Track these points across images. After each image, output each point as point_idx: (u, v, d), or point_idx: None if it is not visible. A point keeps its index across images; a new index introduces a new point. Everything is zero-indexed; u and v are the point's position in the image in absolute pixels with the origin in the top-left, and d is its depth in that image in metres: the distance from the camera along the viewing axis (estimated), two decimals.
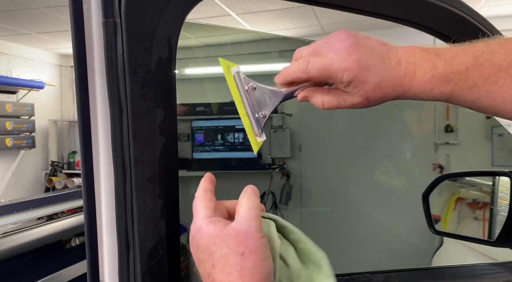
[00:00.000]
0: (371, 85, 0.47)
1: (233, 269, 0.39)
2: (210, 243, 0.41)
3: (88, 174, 0.49)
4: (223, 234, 0.41)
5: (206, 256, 0.41)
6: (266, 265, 0.41)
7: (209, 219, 0.43)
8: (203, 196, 0.47)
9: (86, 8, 0.46)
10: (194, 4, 0.48)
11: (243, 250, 0.40)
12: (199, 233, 0.42)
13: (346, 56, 0.46)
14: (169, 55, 0.48)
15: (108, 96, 0.47)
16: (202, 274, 0.42)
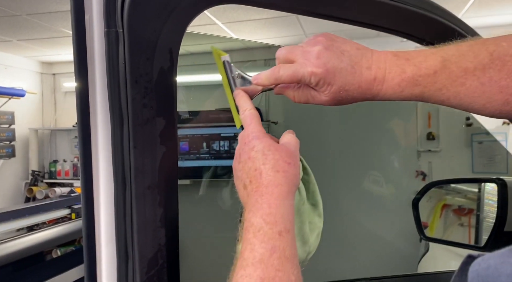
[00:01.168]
0: (336, 88, 0.51)
1: (282, 169, 0.48)
2: (266, 148, 0.49)
3: (87, 182, 0.49)
4: (277, 145, 0.50)
5: (259, 156, 0.48)
6: (298, 177, 0.51)
7: (264, 132, 0.52)
8: (254, 113, 0.54)
9: (88, 18, 0.47)
10: (195, 15, 0.48)
11: (289, 161, 0.49)
12: (257, 139, 0.50)
13: (314, 60, 0.50)
14: (170, 65, 0.48)
15: (109, 105, 0.47)
16: (248, 168, 0.49)
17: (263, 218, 0.45)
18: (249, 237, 0.44)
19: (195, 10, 0.48)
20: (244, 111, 0.54)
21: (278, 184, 0.47)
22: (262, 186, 0.47)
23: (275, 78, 0.53)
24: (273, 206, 0.45)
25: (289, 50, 0.54)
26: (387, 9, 0.64)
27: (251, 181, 0.48)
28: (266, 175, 0.47)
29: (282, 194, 0.46)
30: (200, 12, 0.49)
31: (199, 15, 0.49)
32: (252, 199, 0.47)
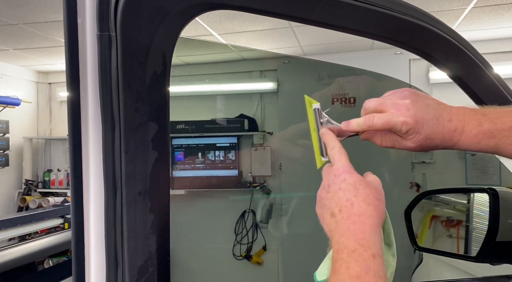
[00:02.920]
0: (423, 136, 0.59)
1: (372, 203, 0.52)
2: (357, 183, 0.54)
3: (77, 188, 0.48)
4: (366, 181, 0.55)
5: (350, 188, 0.53)
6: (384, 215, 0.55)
7: (351, 169, 0.56)
8: (343, 150, 0.59)
9: (80, 21, 0.46)
10: (189, 20, 0.48)
11: (378, 197, 0.54)
12: (348, 173, 0.55)
13: (405, 111, 0.58)
14: (163, 70, 0.48)
15: (100, 109, 0.47)
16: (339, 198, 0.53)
17: (358, 242, 0.49)
18: (344, 257, 0.49)
19: (189, 15, 0.48)
20: (333, 148, 0.59)
21: (370, 215, 0.51)
22: (354, 215, 0.51)
23: (368, 125, 0.60)
24: (366, 233, 0.50)
25: (379, 102, 0.61)
26: (381, 18, 0.64)
27: (341, 210, 0.53)
28: (358, 206, 0.52)
29: (373, 225, 0.51)
30: (193, 18, 0.49)
31: (192, 21, 0.49)
32: (343, 225, 0.51)
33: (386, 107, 0.60)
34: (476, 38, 3.82)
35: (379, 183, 0.57)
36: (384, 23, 0.64)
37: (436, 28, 0.70)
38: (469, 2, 2.94)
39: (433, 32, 0.68)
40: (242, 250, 4.02)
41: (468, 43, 0.76)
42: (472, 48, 0.76)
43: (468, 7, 3.04)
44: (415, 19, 0.68)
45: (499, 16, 3.26)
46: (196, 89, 4.29)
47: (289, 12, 0.53)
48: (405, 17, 0.66)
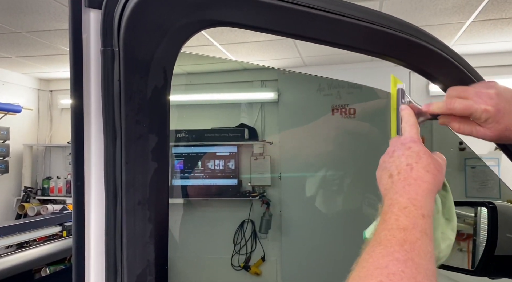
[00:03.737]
0: (503, 126, 0.60)
1: (432, 171, 0.55)
2: (421, 152, 0.56)
3: (79, 196, 0.49)
4: (431, 153, 0.57)
5: (413, 155, 0.55)
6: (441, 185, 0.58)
7: (419, 140, 0.59)
8: (417, 125, 0.61)
9: (85, 37, 0.48)
10: (190, 36, 0.50)
11: (439, 169, 0.56)
12: (415, 143, 0.57)
13: (488, 100, 0.60)
14: (164, 83, 0.49)
15: (102, 120, 0.48)
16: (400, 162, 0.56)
17: (410, 200, 0.51)
18: (395, 211, 0.50)
19: (189, 32, 0.50)
20: (408, 121, 0.61)
21: (426, 181, 0.54)
22: (411, 178, 0.54)
23: (448, 109, 0.62)
24: (420, 194, 0.52)
25: (462, 89, 0.63)
26: (377, 35, 0.66)
27: (400, 172, 0.55)
28: (416, 171, 0.54)
29: (428, 189, 0.53)
30: (194, 34, 0.50)
31: (193, 36, 0.50)
32: (398, 185, 0.54)
33: (469, 95, 0.62)
34: (476, 51, 3.86)
35: (444, 161, 0.59)
36: (379, 40, 0.66)
37: (430, 44, 0.72)
38: (469, 16, 2.98)
39: (426, 48, 0.69)
40: (240, 260, 4.00)
41: (462, 58, 0.78)
42: (465, 63, 0.78)
43: (468, 21, 3.07)
44: (409, 35, 0.70)
45: (498, 30, 3.29)
46: (197, 98, 4.31)
47: (287, 29, 0.55)
48: (399, 33, 0.68)
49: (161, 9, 0.47)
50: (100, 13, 0.48)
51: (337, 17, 0.60)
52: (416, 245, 0.46)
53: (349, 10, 0.62)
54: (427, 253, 0.47)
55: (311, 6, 0.56)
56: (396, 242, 0.47)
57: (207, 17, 0.50)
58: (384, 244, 0.47)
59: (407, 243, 0.46)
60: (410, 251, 0.46)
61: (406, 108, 0.64)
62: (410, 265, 0.44)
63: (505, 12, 2.91)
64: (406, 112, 0.63)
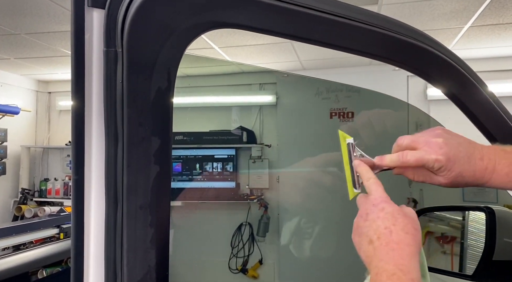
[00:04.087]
0: (455, 174, 0.61)
1: (410, 232, 0.54)
2: (395, 212, 0.56)
3: (78, 200, 0.48)
4: (404, 212, 0.57)
5: (389, 217, 0.55)
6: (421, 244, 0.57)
7: (388, 199, 0.58)
8: (378, 181, 0.61)
9: (87, 37, 0.47)
10: (194, 38, 0.49)
11: (416, 227, 0.56)
12: (386, 203, 0.57)
13: (438, 149, 0.60)
14: (167, 86, 0.49)
15: (104, 122, 0.47)
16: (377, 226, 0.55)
17: (397, 266, 0.51)
18: (383, 279, 0.50)
19: (194, 33, 0.49)
20: (369, 179, 0.62)
21: (408, 243, 0.53)
22: (393, 242, 0.53)
23: (401, 162, 0.63)
24: (405, 259, 0.52)
25: (412, 139, 0.64)
26: (379, 38, 0.65)
27: (379, 237, 0.54)
28: (396, 234, 0.54)
29: (412, 253, 0.53)
30: (198, 36, 0.50)
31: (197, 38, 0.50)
32: (381, 251, 0.53)
33: (419, 145, 0.62)
34: (473, 56, 3.87)
35: (415, 215, 0.59)
36: (382, 43, 0.66)
37: (432, 47, 0.71)
38: (467, 21, 2.99)
39: (429, 51, 0.69)
40: (238, 263, 3.99)
41: (463, 61, 0.78)
42: (467, 67, 0.78)
43: (466, 26, 3.08)
44: (411, 39, 0.69)
45: (496, 35, 3.31)
46: (195, 100, 4.31)
47: (291, 32, 0.55)
48: (402, 37, 0.68)
49: (166, 9, 0.47)
50: (104, 12, 0.47)
51: (341, 19, 0.60)
52: None
53: (353, 12, 0.62)
54: None
55: (315, 9, 0.55)
56: None
57: (212, 19, 0.49)
58: None
59: None
60: None
61: (360, 164, 0.64)
62: None
63: (502, 18, 2.92)
64: (363, 169, 0.63)
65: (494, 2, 2.63)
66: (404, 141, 0.65)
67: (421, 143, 0.62)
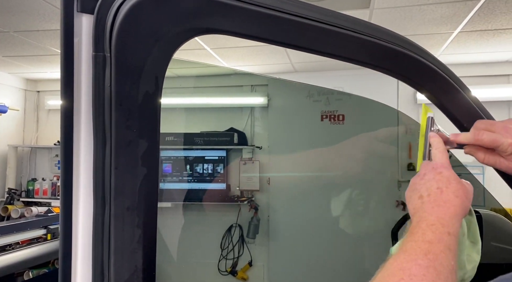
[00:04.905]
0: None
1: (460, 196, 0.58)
2: (451, 178, 0.60)
3: (67, 201, 0.49)
4: (460, 180, 0.61)
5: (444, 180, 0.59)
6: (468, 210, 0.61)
7: (449, 166, 0.63)
8: (444, 150, 0.65)
9: (77, 41, 0.48)
10: (182, 43, 0.50)
11: (467, 195, 0.60)
12: (446, 169, 0.61)
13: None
14: (155, 89, 0.49)
15: (92, 125, 0.48)
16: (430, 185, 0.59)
17: (438, 219, 0.55)
18: (422, 226, 0.54)
19: (182, 39, 0.50)
20: (438, 148, 0.65)
21: (455, 204, 0.57)
22: (441, 200, 0.57)
23: (476, 139, 0.66)
24: (448, 215, 0.56)
25: (490, 123, 0.68)
26: (366, 45, 0.67)
27: (430, 194, 0.58)
28: (446, 194, 0.58)
29: (456, 212, 0.57)
30: (186, 41, 0.51)
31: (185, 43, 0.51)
32: (427, 206, 0.57)
33: (496, 128, 0.66)
34: (462, 61, 3.93)
35: (472, 188, 0.63)
36: (368, 50, 0.67)
37: (418, 54, 0.73)
38: (456, 27, 3.04)
39: (413, 58, 0.71)
40: (227, 265, 3.99)
41: (446, 67, 0.80)
42: (450, 72, 0.80)
43: (455, 31, 3.13)
44: (396, 46, 0.71)
45: (484, 41, 3.36)
46: (186, 101, 4.30)
47: (279, 39, 0.56)
48: (388, 44, 0.69)
49: (154, 15, 0.47)
50: (92, 18, 0.47)
51: (329, 27, 0.61)
52: (439, 256, 0.50)
53: (340, 20, 0.63)
54: (449, 265, 0.50)
55: (301, 16, 0.57)
56: (421, 251, 0.50)
57: (199, 25, 0.50)
58: (409, 252, 0.50)
59: (430, 253, 0.50)
60: (433, 260, 0.49)
61: (435, 136, 0.68)
62: (431, 272, 0.47)
63: (491, 24, 2.97)
64: (436, 140, 0.67)
65: (483, 8, 2.68)
66: (481, 124, 0.68)
67: (499, 127, 0.66)
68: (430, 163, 0.64)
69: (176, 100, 4.25)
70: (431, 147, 0.67)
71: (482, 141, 0.65)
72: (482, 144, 0.66)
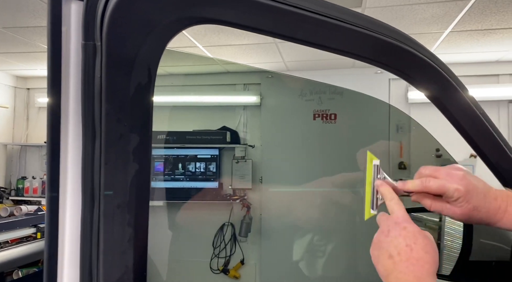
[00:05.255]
0: (471, 206, 0.64)
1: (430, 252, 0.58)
2: (416, 232, 0.59)
3: (53, 198, 0.47)
4: (424, 233, 0.60)
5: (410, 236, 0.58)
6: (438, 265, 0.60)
7: (410, 219, 0.61)
8: (398, 201, 0.64)
9: (65, 30, 0.46)
10: (176, 33, 0.48)
11: (435, 249, 0.59)
12: (408, 223, 0.60)
13: (458, 180, 0.64)
14: (148, 82, 0.47)
15: (82, 118, 0.46)
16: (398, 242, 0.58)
17: (417, 278, 0.55)
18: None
19: (176, 28, 0.48)
20: (392, 199, 0.64)
21: (427, 262, 0.57)
22: (413, 258, 0.57)
23: (424, 186, 0.66)
24: (424, 274, 0.55)
25: (435, 168, 0.68)
26: (364, 39, 0.65)
27: (400, 253, 0.58)
28: (416, 252, 0.57)
29: (430, 271, 0.56)
30: (181, 31, 0.49)
31: (178, 35, 0.49)
32: (401, 266, 0.57)
33: (440, 175, 0.66)
34: (452, 61, 3.95)
35: (432, 238, 0.62)
36: (366, 44, 0.66)
37: (416, 50, 0.72)
38: (447, 26, 3.05)
39: (413, 54, 0.70)
40: (219, 263, 3.97)
41: (445, 65, 0.79)
42: (449, 71, 0.79)
43: (446, 31, 3.14)
44: (396, 41, 0.70)
45: (474, 41, 3.38)
46: (179, 100, 4.27)
47: (274, 29, 0.54)
48: (386, 38, 0.68)
49: (148, 3, 0.45)
50: (82, 4, 0.45)
51: (325, 19, 0.59)
52: None
53: (338, 12, 0.61)
54: None
55: (300, 7, 0.55)
56: None
57: (194, 14, 0.48)
58: None
59: None
60: None
61: (383, 184, 0.67)
62: None
63: (481, 24, 2.99)
64: (386, 189, 0.66)
65: (473, 8, 2.69)
66: (426, 170, 0.68)
67: (443, 173, 0.66)
68: (390, 217, 0.63)
69: (168, 99, 4.21)
70: (384, 198, 0.66)
71: (430, 188, 0.65)
72: (429, 191, 0.66)
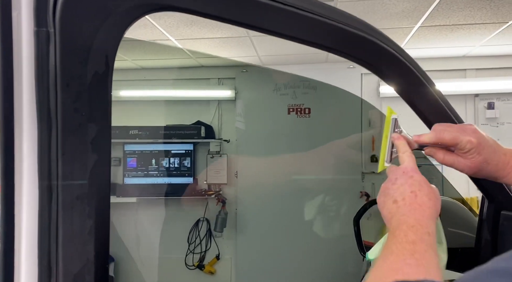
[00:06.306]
0: (482, 158, 0.68)
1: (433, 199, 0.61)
2: (422, 181, 0.63)
3: (8, 190, 0.45)
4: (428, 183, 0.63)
5: (416, 184, 0.62)
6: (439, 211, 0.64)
7: (418, 170, 0.65)
8: (410, 154, 0.67)
9: (15, 15, 0.44)
10: (134, 20, 0.47)
11: (438, 197, 0.63)
12: (416, 172, 0.64)
13: (471, 133, 0.68)
14: (105, 69, 0.46)
15: (36, 108, 0.44)
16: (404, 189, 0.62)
17: (416, 221, 0.57)
18: (403, 228, 0.56)
19: (134, 15, 0.47)
20: (405, 151, 0.68)
21: (429, 207, 0.60)
22: (416, 203, 0.60)
23: (438, 138, 0.69)
24: (425, 217, 0.58)
25: (448, 124, 0.72)
26: (333, 30, 0.66)
27: (404, 199, 0.61)
28: (420, 198, 0.61)
29: (431, 215, 0.60)
30: (139, 18, 0.47)
31: (149, 24, 0.47)
32: (404, 209, 0.60)
33: (454, 129, 0.70)
34: (422, 56, 4.05)
35: (438, 191, 0.66)
36: (336, 36, 0.66)
37: (385, 43, 0.73)
38: (417, 21, 3.12)
39: (381, 47, 0.71)
40: (195, 259, 3.95)
41: (413, 60, 0.81)
42: (416, 65, 0.81)
43: (416, 26, 3.22)
44: (365, 33, 0.71)
45: (443, 36, 3.48)
46: (151, 94, 4.20)
47: (239, 18, 0.54)
48: (355, 31, 0.69)
49: None
50: None
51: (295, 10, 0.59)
52: (425, 255, 0.52)
53: (307, 4, 0.62)
54: (434, 262, 0.52)
55: None
56: (407, 252, 0.52)
57: (152, 0, 0.47)
58: (396, 254, 0.53)
59: (416, 253, 0.52)
60: (420, 259, 0.51)
61: (400, 138, 0.70)
62: (422, 270, 0.50)
63: (449, 19, 3.07)
64: (401, 142, 0.69)
65: (441, 3, 2.76)
66: (440, 126, 0.71)
67: (456, 127, 0.70)
68: (399, 167, 0.66)
69: (140, 93, 4.14)
70: (397, 150, 0.69)
71: (444, 139, 0.68)
72: (444, 142, 0.69)
